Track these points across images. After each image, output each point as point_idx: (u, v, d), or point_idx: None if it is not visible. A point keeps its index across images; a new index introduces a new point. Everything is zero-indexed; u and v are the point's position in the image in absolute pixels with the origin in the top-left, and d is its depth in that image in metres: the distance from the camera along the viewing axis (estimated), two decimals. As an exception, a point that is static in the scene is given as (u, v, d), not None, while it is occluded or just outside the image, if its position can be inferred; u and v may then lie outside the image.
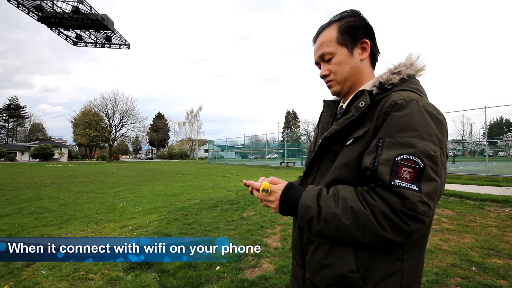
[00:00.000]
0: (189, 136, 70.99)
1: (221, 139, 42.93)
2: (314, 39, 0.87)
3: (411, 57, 0.79)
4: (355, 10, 0.84)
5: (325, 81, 0.86)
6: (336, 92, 0.86)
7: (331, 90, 0.86)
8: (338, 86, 0.84)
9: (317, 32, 0.87)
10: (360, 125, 0.74)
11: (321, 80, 0.88)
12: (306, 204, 0.70)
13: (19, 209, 5.66)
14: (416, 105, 0.66)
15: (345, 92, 0.85)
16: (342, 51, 0.81)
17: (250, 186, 0.83)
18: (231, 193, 7.67)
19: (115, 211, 5.51)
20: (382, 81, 0.75)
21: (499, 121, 53.31)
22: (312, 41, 0.88)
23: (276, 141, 45.01)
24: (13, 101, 66.30)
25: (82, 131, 47.84)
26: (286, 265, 2.78)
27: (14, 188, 9.15)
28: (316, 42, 0.86)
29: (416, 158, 0.61)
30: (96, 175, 14.76)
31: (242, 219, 4.71)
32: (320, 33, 0.85)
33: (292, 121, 73.01)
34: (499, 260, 2.87)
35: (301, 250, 0.83)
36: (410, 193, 0.59)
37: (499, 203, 5.76)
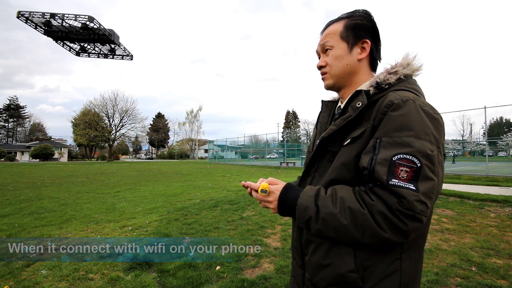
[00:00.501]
0: (189, 136, 71.03)
1: (221, 139, 42.98)
2: (322, 32, 0.88)
3: (407, 57, 0.79)
4: (366, 11, 0.84)
5: (320, 72, 0.87)
6: (329, 86, 0.87)
7: (324, 82, 0.87)
8: (331, 80, 0.85)
9: (326, 25, 0.88)
10: (358, 125, 0.74)
11: (321, 80, 0.89)
12: (304, 205, 0.71)
13: (19, 209, 5.66)
14: (412, 105, 0.66)
15: (337, 87, 0.86)
16: (342, 46, 0.81)
17: (249, 187, 0.83)
18: (231, 193, 7.67)
19: (115, 211, 5.51)
20: (379, 81, 0.75)
21: (499, 121, 53.30)
22: (320, 33, 0.89)
23: (276, 141, 45.03)
24: (13, 101, 66.30)
25: (82, 131, 47.83)
26: (286, 265, 2.78)
27: (14, 188, 9.15)
28: (323, 34, 0.87)
29: (413, 158, 0.62)
30: (96, 175, 14.76)
31: (242, 219, 4.71)
32: (328, 26, 0.86)
33: (292, 121, 73.03)
34: (499, 260, 2.87)
35: (300, 250, 0.83)
36: (408, 192, 0.60)
37: (499, 203, 5.76)
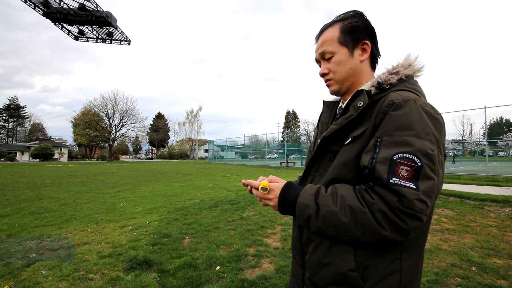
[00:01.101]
0: (189, 136, 71.02)
1: (221, 139, 42.93)
2: (317, 37, 0.88)
3: (409, 57, 0.80)
4: (359, 11, 0.84)
5: (324, 79, 0.87)
6: (335, 91, 0.87)
7: (329, 89, 0.87)
8: (336, 86, 0.85)
9: (320, 30, 0.88)
10: (359, 124, 0.75)
11: (321, 79, 0.89)
12: (304, 203, 0.71)
13: (19, 209, 5.66)
14: (413, 105, 0.67)
15: (343, 91, 0.86)
16: (343, 51, 0.82)
17: (249, 185, 0.83)
18: (231, 193, 7.67)
19: (115, 211, 5.51)
20: (380, 81, 0.76)
21: (499, 121, 53.32)
22: (315, 39, 0.89)
23: (276, 141, 45.04)
24: (13, 101, 66.31)
25: (82, 131, 47.82)
26: (286, 265, 2.78)
27: (14, 188, 9.15)
28: (318, 40, 0.87)
29: (413, 157, 0.62)
30: (96, 175, 14.76)
31: (242, 219, 4.71)
32: (323, 32, 0.86)
33: (292, 121, 73.01)
34: (499, 260, 2.87)
35: (300, 249, 0.83)
36: (408, 191, 0.60)
37: (499, 203, 5.76)
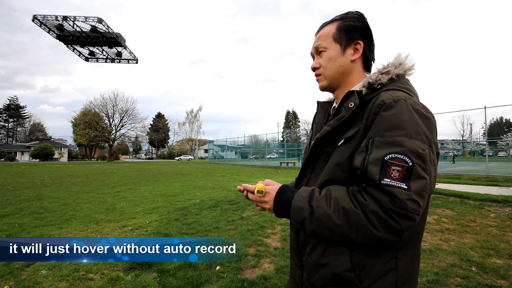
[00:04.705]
0: (189, 136, 71.03)
1: (221, 139, 42.95)
2: (316, 33, 0.90)
3: (399, 56, 0.80)
4: (359, 12, 0.85)
5: (314, 74, 0.88)
6: (323, 87, 0.88)
7: (318, 84, 0.89)
8: (325, 81, 0.86)
9: (320, 27, 0.89)
10: (351, 125, 0.75)
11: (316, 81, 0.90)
12: (298, 206, 0.71)
13: (19, 209, 5.66)
14: (404, 104, 0.67)
15: (332, 88, 0.87)
16: (335, 47, 0.83)
17: (245, 189, 0.83)
18: (231, 193, 7.67)
19: (115, 211, 5.51)
20: (371, 81, 0.76)
21: (499, 121, 53.29)
22: (314, 35, 0.90)
23: (276, 141, 45.01)
24: (13, 101, 66.29)
25: (82, 131, 47.82)
26: (286, 265, 2.78)
27: (14, 188, 9.15)
28: (316, 36, 0.88)
29: (404, 157, 0.62)
30: (96, 175, 14.76)
31: (242, 219, 4.71)
32: (322, 28, 0.87)
33: (292, 121, 72.99)
34: (499, 260, 2.87)
35: (298, 251, 0.84)
36: (400, 192, 0.60)
37: (499, 203, 5.76)
